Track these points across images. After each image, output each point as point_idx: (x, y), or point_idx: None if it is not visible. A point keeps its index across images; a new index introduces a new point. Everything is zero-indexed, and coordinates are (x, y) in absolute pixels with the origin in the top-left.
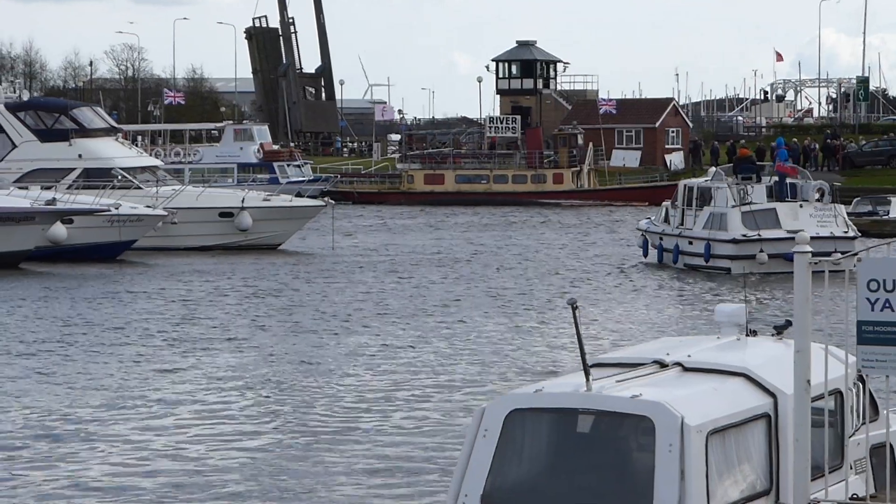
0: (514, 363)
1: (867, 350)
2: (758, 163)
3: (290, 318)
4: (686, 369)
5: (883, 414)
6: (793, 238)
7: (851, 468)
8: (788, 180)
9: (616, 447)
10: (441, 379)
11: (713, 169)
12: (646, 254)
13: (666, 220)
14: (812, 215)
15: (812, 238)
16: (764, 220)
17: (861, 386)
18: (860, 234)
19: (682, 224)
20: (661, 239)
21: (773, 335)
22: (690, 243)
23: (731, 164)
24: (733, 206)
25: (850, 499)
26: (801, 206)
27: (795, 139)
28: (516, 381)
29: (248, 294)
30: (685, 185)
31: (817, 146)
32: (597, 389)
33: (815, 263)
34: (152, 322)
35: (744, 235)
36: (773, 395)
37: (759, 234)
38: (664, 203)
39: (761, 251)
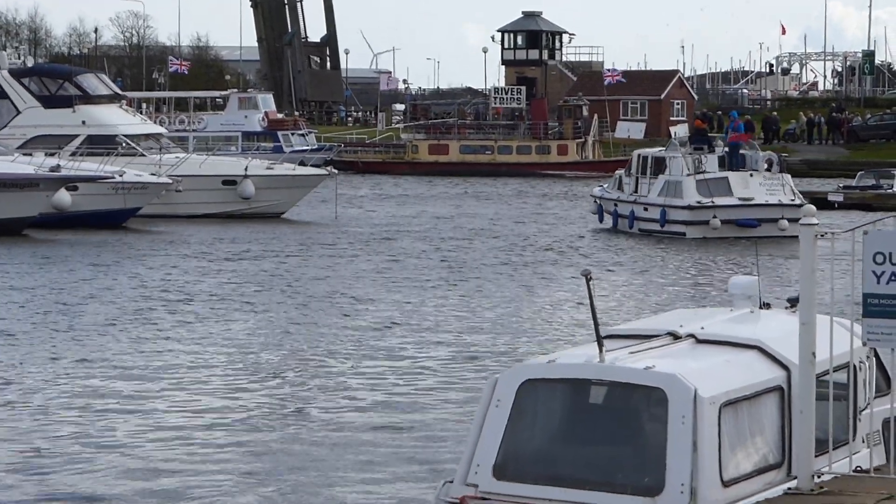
0: (526, 334)
1: (872, 323)
2: (709, 135)
3: (293, 287)
4: (699, 341)
5: (895, 387)
6: (744, 205)
7: (863, 441)
8: (741, 150)
9: (629, 418)
10: (451, 348)
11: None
12: (601, 219)
13: (619, 187)
14: (762, 184)
15: (761, 205)
16: (717, 188)
17: (873, 359)
18: (806, 202)
19: (636, 191)
20: (615, 205)
21: (786, 308)
22: (646, 209)
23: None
24: (688, 175)
25: (855, 471)
26: (751, 175)
27: (776, 113)
28: (529, 351)
29: (250, 263)
30: (640, 155)
31: (822, 119)
32: (610, 361)
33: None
34: (155, 290)
35: (698, 202)
36: (786, 367)
37: (712, 201)
38: (617, 171)
39: (714, 217)
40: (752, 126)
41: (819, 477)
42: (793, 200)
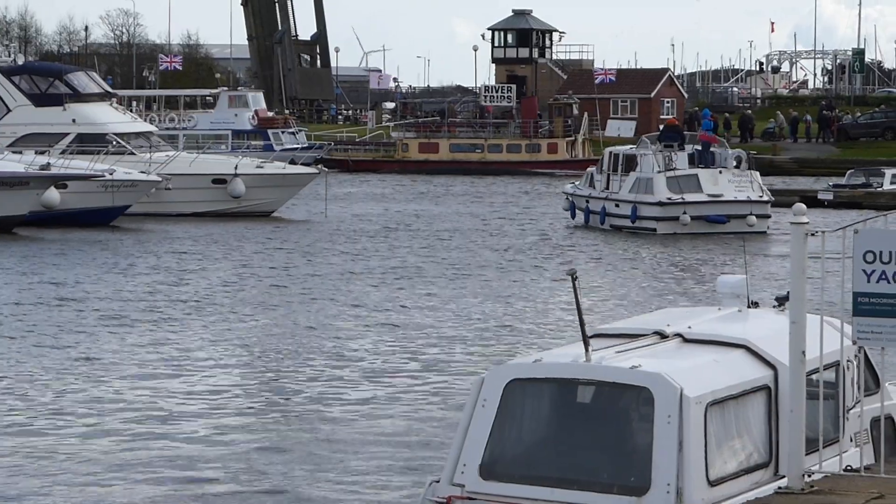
0: (510, 333)
1: (863, 322)
2: (682, 132)
3: (282, 286)
4: (686, 340)
5: (883, 386)
6: (713, 201)
7: (851, 440)
8: (711, 148)
9: (615, 418)
10: (438, 348)
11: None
12: (573, 216)
13: (591, 184)
14: (730, 181)
15: (730, 201)
16: (687, 185)
17: (862, 358)
18: (773, 199)
19: (607, 188)
20: (587, 202)
21: (774, 307)
22: (617, 206)
23: (658, 133)
24: (658, 172)
25: (845, 470)
26: (720, 172)
27: (750, 111)
28: (515, 351)
29: (240, 261)
30: (611, 153)
31: (811, 118)
32: (596, 360)
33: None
34: (144, 288)
35: (669, 199)
36: (773, 367)
37: (682, 198)
38: (588, 169)
39: (684, 213)
40: (728, 124)
41: (809, 476)
42: (761, 197)
